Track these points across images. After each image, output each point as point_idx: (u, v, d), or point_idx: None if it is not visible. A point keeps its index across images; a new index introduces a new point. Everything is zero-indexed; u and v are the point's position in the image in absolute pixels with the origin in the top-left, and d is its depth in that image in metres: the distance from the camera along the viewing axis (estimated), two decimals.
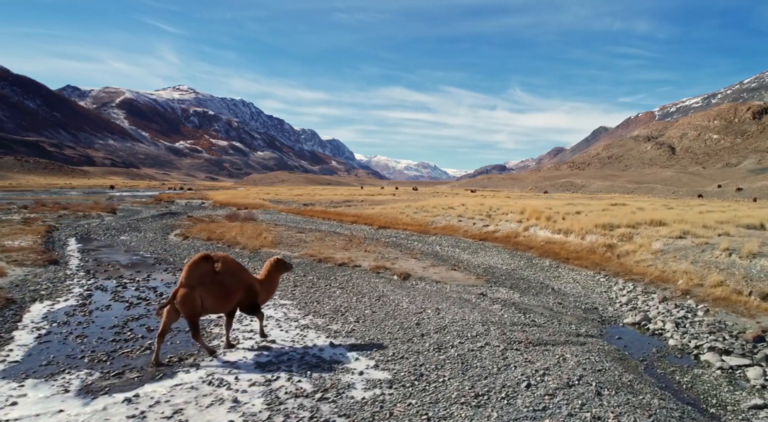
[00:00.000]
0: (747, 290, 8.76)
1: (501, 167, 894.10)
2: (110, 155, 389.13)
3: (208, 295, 5.64)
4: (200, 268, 5.64)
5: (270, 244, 14.34)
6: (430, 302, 8.40)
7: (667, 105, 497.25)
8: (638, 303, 9.14)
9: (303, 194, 52.58)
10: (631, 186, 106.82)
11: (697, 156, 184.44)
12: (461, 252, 15.06)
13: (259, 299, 6.31)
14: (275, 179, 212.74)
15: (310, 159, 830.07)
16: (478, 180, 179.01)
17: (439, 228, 20.80)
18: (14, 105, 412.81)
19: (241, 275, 6.09)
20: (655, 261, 11.69)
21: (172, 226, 20.14)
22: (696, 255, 11.12)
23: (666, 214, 18.51)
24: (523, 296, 9.40)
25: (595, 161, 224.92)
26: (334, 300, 8.35)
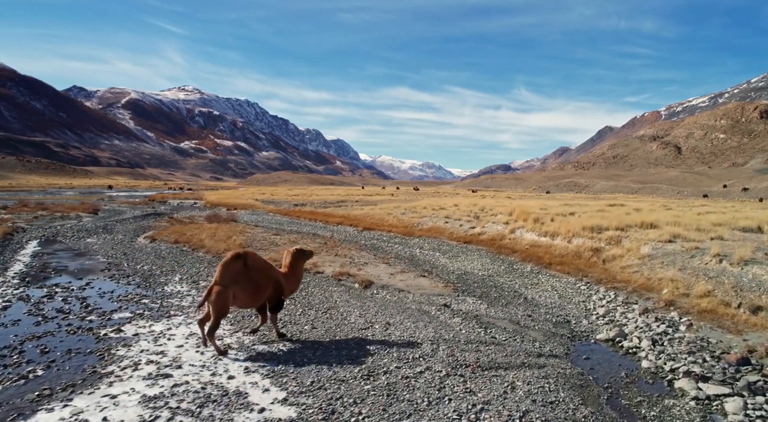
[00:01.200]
0: (736, 302, 7.91)
1: (506, 167, 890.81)
2: (115, 156, 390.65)
3: (241, 291, 5.95)
4: (232, 266, 5.92)
5: (237, 248, 13.57)
6: (383, 315, 7.61)
7: (674, 105, 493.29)
8: (616, 315, 8.31)
9: (299, 195, 51.90)
10: (636, 186, 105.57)
11: (704, 156, 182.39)
12: (440, 256, 14.26)
13: (285, 293, 6.56)
14: (278, 179, 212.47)
15: (314, 159, 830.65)
16: (481, 180, 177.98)
17: (424, 230, 19.98)
18: (21, 106, 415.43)
19: (269, 271, 6.35)
20: (642, 267, 10.84)
21: (148, 227, 19.45)
22: (685, 261, 10.27)
23: (662, 215, 17.63)
24: (490, 307, 8.59)
25: (600, 160, 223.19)
26: (282, 313, 7.56)
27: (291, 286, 6.68)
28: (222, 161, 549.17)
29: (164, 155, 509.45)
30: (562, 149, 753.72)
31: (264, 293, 6.23)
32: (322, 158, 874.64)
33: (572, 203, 32.33)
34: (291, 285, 6.67)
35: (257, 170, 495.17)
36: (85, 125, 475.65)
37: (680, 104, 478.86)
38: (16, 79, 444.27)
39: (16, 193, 57.40)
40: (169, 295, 8.54)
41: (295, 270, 6.72)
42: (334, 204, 34.64)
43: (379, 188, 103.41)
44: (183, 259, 12.21)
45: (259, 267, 6.22)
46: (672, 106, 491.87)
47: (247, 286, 5.98)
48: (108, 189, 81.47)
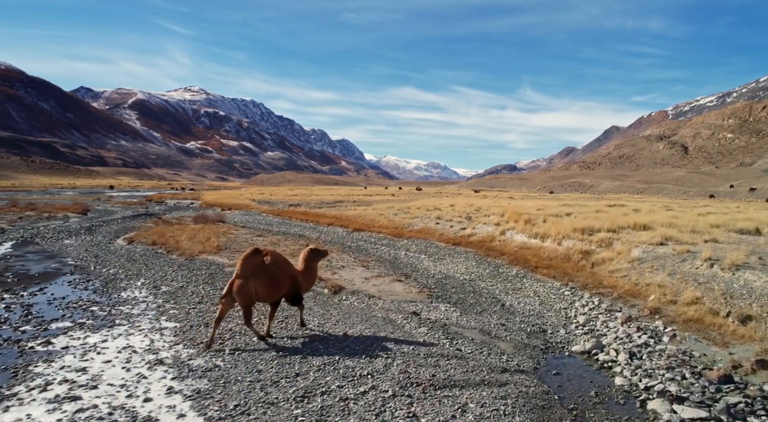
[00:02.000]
0: (725, 310, 7.35)
1: (511, 167, 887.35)
2: (122, 156, 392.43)
3: (260, 285, 6.16)
4: (252, 261, 6.19)
5: (212, 250, 13.13)
6: (343, 324, 7.11)
7: (681, 104, 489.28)
8: (597, 324, 7.76)
9: (298, 195, 51.46)
10: (641, 186, 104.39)
11: (711, 156, 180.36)
12: (425, 259, 13.74)
13: (301, 289, 6.83)
14: (282, 179, 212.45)
15: (319, 159, 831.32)
16: (485, 180, 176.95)
17: (414, 231, 19.46)
18: (29, 106, 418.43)
19: (286, 267, 6.62)
20: (630, 272, 10.27)
21: (131, 228, 19.07)
22: (675, 265, 9.69)
23: (659, 216, 17.01)
24: (463, 315, 8.06)
25: (605, 160, 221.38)
26: (227, 322, 7.08)
27: (307, 283, 6.98)
28: (227, 161, 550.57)
29: (170, 155, 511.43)
30: (568, 149, 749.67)
31: (281, 287, 6.49)
32: (327, 158, 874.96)
33: (572, 203, 31.68)
34: (306, 282, 6.97)
35: (262, 170, 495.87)
36: (92, 126, 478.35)
37: (688, 104, 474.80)
38: (24, 81, 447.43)
39: (15, 193, 57.40)
40: (123, 301, 8.08)
41: (310, 268, 7.01)
42: (331, 204, 34.15)
43: (382, 188, 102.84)
44: (154, 262, 11.77)
45: (277, 263, 6.50)
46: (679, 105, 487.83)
47: (265, 280, 6.23)
48: (109, 189, 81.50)
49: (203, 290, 8.95)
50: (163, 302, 8.02)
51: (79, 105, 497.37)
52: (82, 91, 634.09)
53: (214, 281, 9.67)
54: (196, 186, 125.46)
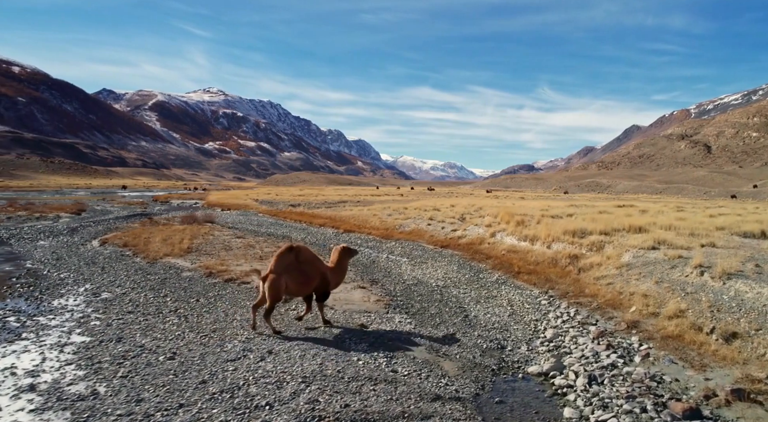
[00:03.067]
0: (709, 326, 6.44)
1: (529, 167, 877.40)
2: (142, 156, 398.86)
3: (291, 281, 6.55)
4: (286, 258, 6.58)
5: (179, 253, 12.54)
6: (275, 339, 6.40)
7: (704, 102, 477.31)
8: (566, 340, 6.91)
9: (305, 195, 50.99)
10: (660, 186, 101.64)
11: (735, 155, 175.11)
12: (406, 262, 12.98)
13: (330, 286, 7.09)
14: (297, 179, 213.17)
15: (336, 160, 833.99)
16: (501, 180, 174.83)
17: (405, 233, 18.69)
18: (53, 109, 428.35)
19: (317, 264, 6.90)
20: (617, 279, 9.37)
21: (115, 228, 18.68)
22: (664, 272, 8.75)
23: (662, 218, 15.96)
24: (418, 327, 7.29)
25: (625, 160, 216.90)
26: (146, 336, 6.42)
27: (336, 279, 7.24)
28: (245, 161, 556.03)
29: (189, 155, 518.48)
30: (587, 148, 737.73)
31: (311, 283, 6.80)
32: (343, 158, 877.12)
33: (579, 203, 30.54)
34: (336, 278, 7.23)
35: (279, 171, 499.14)
36: (114, 127, 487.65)
37: (711, 102, 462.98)
38: (49, 83, 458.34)
39: (27, 193, 58.19)
40: (48, 311, 7.48)
41: (341, 266, 7.30)
42: (333, 205, 33.48)
43: (394, 189, 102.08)
44: (113, 265, 11.22)
45: (309, 260, 6.81)
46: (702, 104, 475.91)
47: (297, 276, 6.60)
48: (122, 189, 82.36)
49: (144, 298, 8.31)
50: (92, 312, 7.40)
51: (101, 107, 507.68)
52: (105, 94, 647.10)
53: (162, 288, 9.04)
54: (211, 186, 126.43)
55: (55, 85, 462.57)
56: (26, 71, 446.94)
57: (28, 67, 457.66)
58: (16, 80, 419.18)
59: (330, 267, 7.13)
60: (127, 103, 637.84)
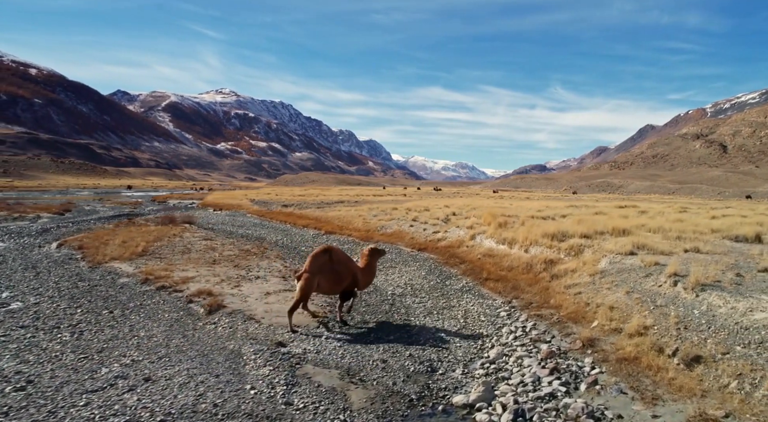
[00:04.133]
0: (672, 347, 5.52)
1: (541, 167, 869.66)
2: (155, 157, 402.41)
3: (325, 280, 6.95)
4: (320, 258, 6.98)
5: (129, 256, 11.84)
6: (164, 362, 5.60)
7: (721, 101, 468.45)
8: (509, 361, 6.04)
9: (305, 195, 50.34)
10: (674, 186, 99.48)
11: (751, 155, 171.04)
12: None
13: (359, 285, 7.54)
14: (306, 179, 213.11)
15: (347, 160, 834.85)
16: (511, 180, 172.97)
17: (385, 234, 17.86)
18: (69, 110, 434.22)
19: (349, 265, 7.31)
20: (587, 288, 8.44)
21: (87, 230, 18.12)
22: (636, 281, 7.82)
23: (657, 220, 14.96)
24: (345, 345, 6.46)
25: (638, 160, 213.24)
26: (17, 357, 5.66)
27: (366, 279, 7.65)
28: (256, 161, 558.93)
29: (201, 156, 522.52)
30: (600, 148, 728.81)
31: (343, 283, 7.21)
32: (354, 158, 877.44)
33: (580, 204, 29.46)
34: (366, 278, 7.63)
35: (290, 171, 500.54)
36: (128, 128, 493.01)
37: (728, 101, 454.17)
38: (65, 85, 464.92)
39: (29, 192, 58.41)
40: None
41: (370, 266, 7.68)
42: (329, 204, 32.68)
43: (401, 189, 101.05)
44: (53, 271, 10.55)
45: (342, 261, 7.22)
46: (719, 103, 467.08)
47: (330, 276, 6.99)
48: (127, 189, 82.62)
49: (53, 309, 7.56)
50: None
51: (115, 108, 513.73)
52: (119, 95, 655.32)
53: (84, 297, 8.29)
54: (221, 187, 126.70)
55: (70, 87, 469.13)
56: (43, 73, 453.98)
57: (44, 69, 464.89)
58: (33, 82, 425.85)
59: (360, 268, 7.51)
60: (140, 105, 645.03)
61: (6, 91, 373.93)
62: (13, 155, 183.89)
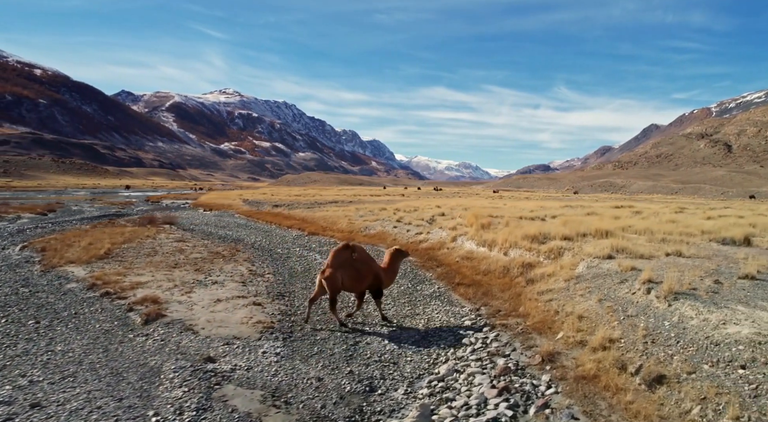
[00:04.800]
0: (636, 364, 4.95)
1: (545, 167, 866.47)
2: (158, 157, 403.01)
3: (347, 276, 6.94)
4: (342, 255, 6.97)
5: (89, 259, 11.31)
6: (72, 380, 5.06)
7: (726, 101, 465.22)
8: (459, 379, 5.47)
9: (301, 195, 49.84)
10: (676, 186, 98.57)
11: (756, 154, 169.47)
12: None
13: (383, 284, 7.45)
14: (308, 179, 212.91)
15: (350, 160, 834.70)
16: (513, 180, 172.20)
17: (369, 236, 17.33)
18: (73, 110, 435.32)
19: (371, 263, 7.30)
20: (560, 294, 7.87)
21: (61, 231, 17.66)
22: (611, 288, 7.24)
23: (650, 221, 14.36)
24: (283, 360, 5.89)
25: (642, 160, 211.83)
26: None
27: (388, 279, 7.60)
28: (259, 161, 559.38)
29: (204, 156, 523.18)
30: (604, 148, 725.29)
31: (364, 281, 7.16)
32: (357, 158, 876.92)
33: (576, 204, 28.84)
34: (388, 278, 7.59)
35: (293, 171, 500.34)
36: (132, 128, 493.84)
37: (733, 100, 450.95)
38: (69, 85, 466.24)
39: (23, 192, 58.18)
40: None
41: (393, 266, 7.67)
42: (321, 204, 32.12)
43: (401, 188, 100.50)
44: (1, 276, 10.05)
45: (363, 259, 7.22)
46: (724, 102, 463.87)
47: (351, 273, 6.99)
48: (125, 189, 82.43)
49: None
50: None
51: (119, 108, 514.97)
52: (123, 95, 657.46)
53: (16, 305, 7.74)
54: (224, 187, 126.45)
55: (75, 87, 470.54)
56: (47, 74, 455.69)
57: (49, 70, 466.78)
58: (38, 82, 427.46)
59: (383, 268, 7.45)
60: (144, 105, 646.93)
61: (11, 92, 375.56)
62: (17, 155, 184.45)
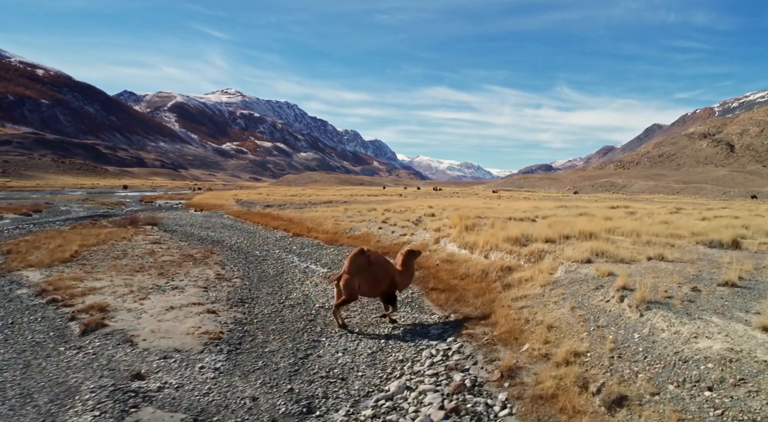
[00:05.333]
0: (598, 381, 4.49)
1: (547, 167, 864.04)
2: (160, 157, 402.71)
3: (363, 281, 7.07)
4: (358, 260, 7.10)
5: (50, 262, 10.85)
6: None
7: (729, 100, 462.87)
8: (409, 398, 5.00)
9: (297, 195, 49.35)
10: (678, 186, 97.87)
11: (759, 154, 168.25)
12: (319, 274, 11.19)
13: (399, 287, 7.52)
14: (309, 179, 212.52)
15: (352, 160, 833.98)
16: (514, 180, 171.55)
17: (353, 237, 16.86)
18: (75, 110, 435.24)
19: (387, 267, 7.33)
20: (534, 301, 7.40)
21: (38, 232, 17.26)
22: (585, 295, 6.76)
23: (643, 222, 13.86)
24: (222, 376, 5.46)
25: (644, 159, 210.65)
26: None
27: (404, 281, 7.63)
28: (261, 161, 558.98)
29: (206, 156, 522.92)
30: (607, 148, 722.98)
31: (381, 285, 7.22)
32: (359, 158, 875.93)
33: (571, 204, 28.33)
34: (404, 280, 7.62)
35: (295, 171, 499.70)
36: (134, 128, 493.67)
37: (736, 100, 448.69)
38: (71, 85, 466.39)
39: (19, 192, 57.91)
40: None
41: (408, 268, 7.65)
42: (314, 205, 31.60)
43: (401, 188, 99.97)
44: None
45: (379, 263, 7.27)
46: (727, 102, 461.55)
47: (368, 278, 7.06)
48: (123, 189, 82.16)
49: None
50: None
51: (121, 108, 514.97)
52: (126, 95, 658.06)
53: None
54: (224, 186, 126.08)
55: (77, 88, 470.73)
56: (50, 74, 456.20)
57: (51, 70, 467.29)
58: (40, 83, 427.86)
59: (399, 270, 7.46)
60: (146, 105, 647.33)
61: (13, 92, 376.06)
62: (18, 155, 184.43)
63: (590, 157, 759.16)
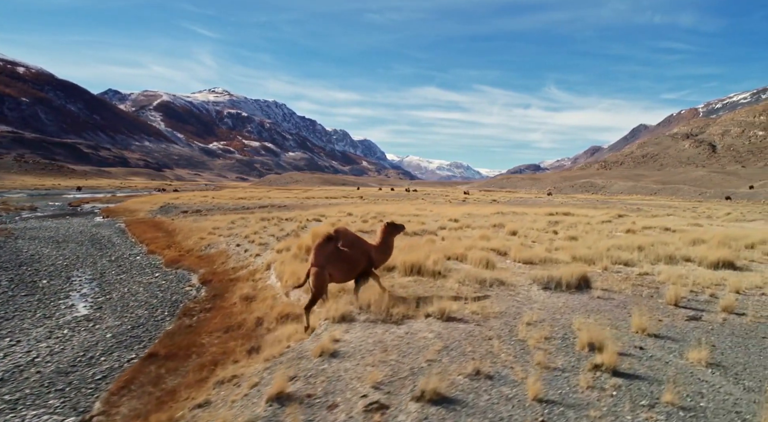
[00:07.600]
0: None
1: (535, 167, 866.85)
2: (145, 156, 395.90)
3: (336, 270, 6.29)
4: (325, 248, 6.22)
5: None
6: None
7: (713, 101, 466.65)
8: None
9: (245, 197, 46.44)
10: (656, 187, 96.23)
11: (740, 154, 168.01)
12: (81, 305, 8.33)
13: (375, 264, 6.82)
14: (290, 179, 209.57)
15: (340, 159, 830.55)
16: (497, 180, 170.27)
17: (202, 257, 14.03)
18: (57, 109, 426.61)
19: (361, 245, 6.66)
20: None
21: None
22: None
23: (515, 243, 11.22)
24: None
25: (628, 160, 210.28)
26: None
27: (381, 257, 6.90)
28: (248, 161, 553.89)
29: (192, 155, 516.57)
30: (594, 148, 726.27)
31: (358, 267, 6.54)
32: (348, 158, 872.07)
33: (519, 210, 25.94)
34: (381, 256, 6.89)
35: (283, 171, 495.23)
36: (118, 127, 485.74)
37: (720, 101, 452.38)
38: (54, 84, 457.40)
39: None
40: None
41: (386, 243, 6.91)
42: (244, 209, 28.68)
43: (376, 189, 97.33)
44: None
45: (351, 243, 6.49)
46: (711, 103, 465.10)
47: (340, 265, 6.31)
48: (76, 190, 78.52)
49: None
50: None
51: (105, 107, 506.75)
52: (110, 94, 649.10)
53: None
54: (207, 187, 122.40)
55: (59, 86, 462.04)
56: (31, 72, 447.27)
57: (33, 68, 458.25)
58: (21, 81, 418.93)
59: (375, 245, 6.80)
60: (132, 104, 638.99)
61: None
62: None
63: (578, 157, 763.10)
